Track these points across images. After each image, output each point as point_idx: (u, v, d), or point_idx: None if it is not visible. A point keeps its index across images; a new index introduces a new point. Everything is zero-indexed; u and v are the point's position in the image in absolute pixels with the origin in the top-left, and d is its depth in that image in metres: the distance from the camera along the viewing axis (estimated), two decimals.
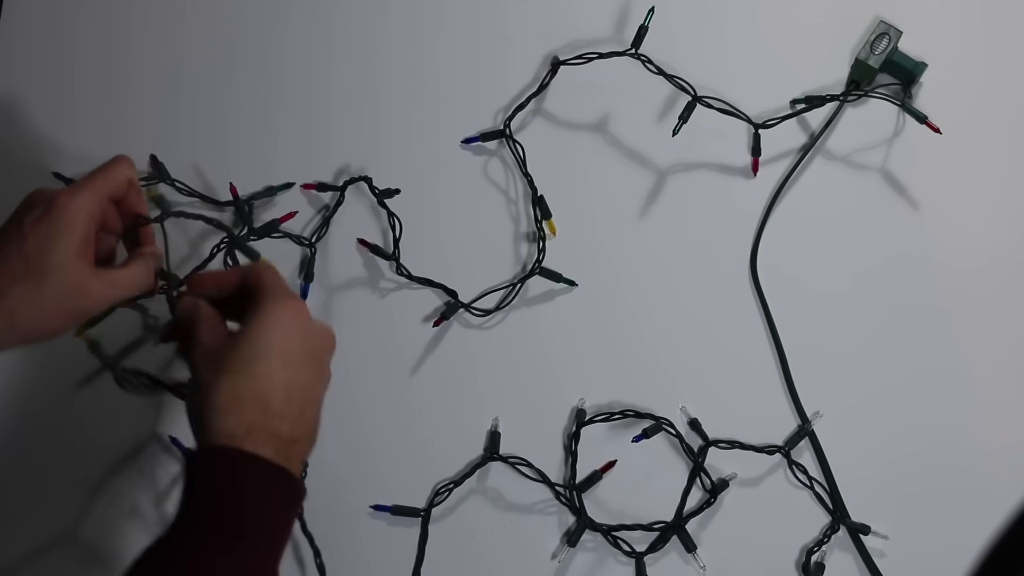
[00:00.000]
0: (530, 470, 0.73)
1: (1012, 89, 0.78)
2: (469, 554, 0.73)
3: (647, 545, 0.72)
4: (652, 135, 0.78)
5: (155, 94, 0.79)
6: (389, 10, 0.81)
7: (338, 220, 0.76)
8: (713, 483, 0.72)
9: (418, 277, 0.75)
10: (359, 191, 0.77)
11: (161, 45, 0.80)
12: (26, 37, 0.80)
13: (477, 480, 0.74)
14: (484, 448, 0.74)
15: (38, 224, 0.60)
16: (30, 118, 0.79)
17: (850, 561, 0.72)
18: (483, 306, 0.75)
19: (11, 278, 0.59)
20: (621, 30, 0.79)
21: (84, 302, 0.60)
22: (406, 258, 0.75)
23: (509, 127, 0.78)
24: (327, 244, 0.76)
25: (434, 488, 0.73)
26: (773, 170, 0.77)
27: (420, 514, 0.73)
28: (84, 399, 0.75)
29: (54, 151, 0.78)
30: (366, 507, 0.73)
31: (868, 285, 0.75)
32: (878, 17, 0.77)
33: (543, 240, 0.76)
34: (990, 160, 0.77)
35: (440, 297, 0.76)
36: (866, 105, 0.77)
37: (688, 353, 0.75)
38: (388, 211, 0.75)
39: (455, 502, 0.74)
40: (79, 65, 0.80)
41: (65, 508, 0.73)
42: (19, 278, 0.59)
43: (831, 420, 0.74)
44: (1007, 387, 0.74)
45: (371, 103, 0.79)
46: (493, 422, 0.74)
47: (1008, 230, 0.76)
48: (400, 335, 0.75)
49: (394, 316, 0.76)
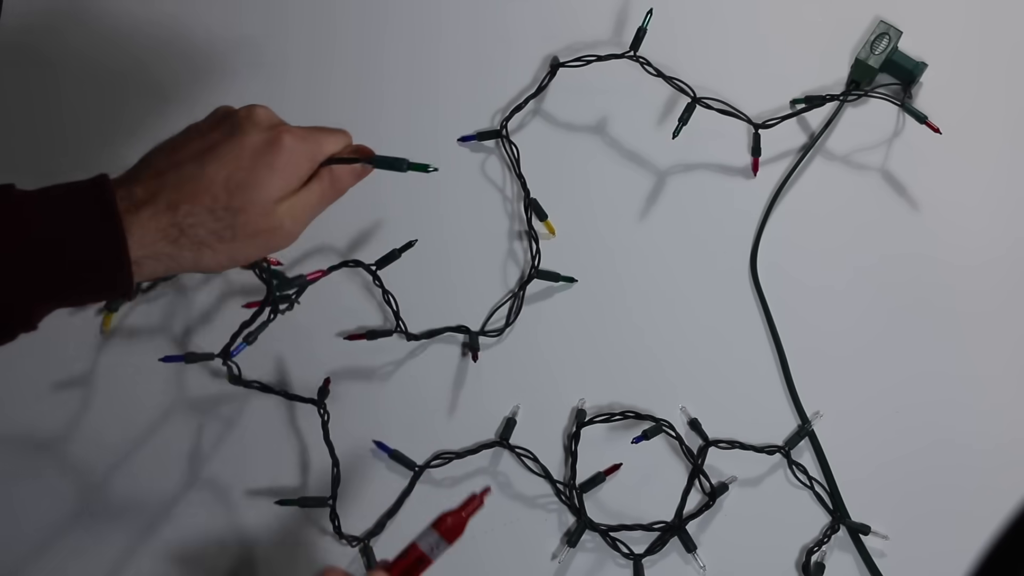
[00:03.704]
0: (535, 464, 0.73)
1: (1012, 89, 0.78)
2: (469, 554, 0.73)
3: (647, 547, 0.72)
4: (652, 136, 0.78)
5: (154, 96, 0.80)
6: (389, 10, 0.81)
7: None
8: (712, 486, 0.72)
9: (424, 333, 0.75)
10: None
11: (164, 52, 0.80)
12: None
13: (481, 462, 0.74)
14: (496, 434, 0.74)
15: (258, 157, 0.56)
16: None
17: (850, 561, 0.72)
18: (494, 317, 0.76)
19: (209, 206, 0.55)
20: (621, 31, 0.79)
21: (272, 243, 0.58)
22: (404, 268, 0.75)
23: (506, 127, 0.78)
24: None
25: (435, 453, 0.74)
26: (773, 170, 0.77)
27: (414, 468, 0.73)
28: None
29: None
30: (370, 442, 0.74)
31: (868, 285, 0.75)
32: (878, 17, 0.77)
33: (536, 242, 0.76)
34: (990, 160, 0.77)
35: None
36: (866, 105, 0.77)
37: (688, 353, 0.75)
38: (383, 289, 0.74)
39: (454, 498, 0.73)
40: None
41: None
42: (218, 209, 0.55)
43: (831, 420, 0.74)
44: (1008, 387, 0.74)
45: (371, 103, 0.79)
46: (513, 409, 0.74)
47: (1008, 230, 0.76)
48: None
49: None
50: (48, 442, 0.74)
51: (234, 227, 0.56)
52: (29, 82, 0.80)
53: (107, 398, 0.75)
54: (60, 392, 0.74)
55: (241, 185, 0.55)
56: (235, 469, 0.74)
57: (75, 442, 0.74)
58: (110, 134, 0.79)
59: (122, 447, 0.74)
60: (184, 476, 0.74)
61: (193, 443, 0.74)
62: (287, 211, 0.57)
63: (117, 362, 0.75)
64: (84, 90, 0.79)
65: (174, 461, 0.74)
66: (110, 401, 0.74)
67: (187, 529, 0.73)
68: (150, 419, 0.74)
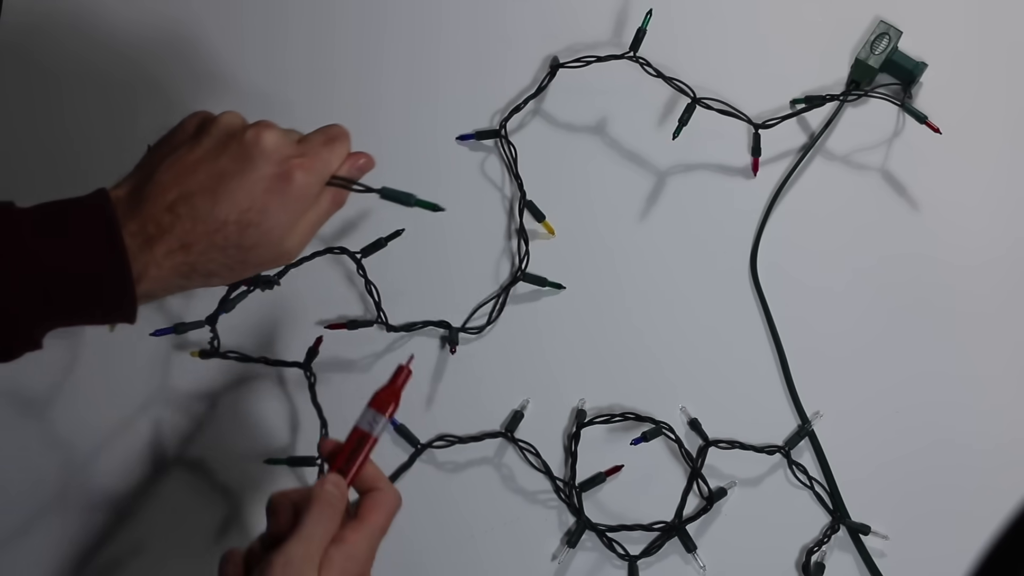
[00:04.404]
0: (536, 459, 0.73)
1: (1012, 89, 0.78)
2: (469, 553, 0.73)
3: (645, 548, 0.72)
4: (651, 136, 0.78)
5: (152, 97, 0.79)
6: (389, 10, 0.81)
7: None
8: (711, 491, 0.72)
9: (404, 325, 0.75)
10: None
11: (162, 54, 0.80)
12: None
13: (486, 451, 0.74)
14: (501, 426, 0.74)
15: (270, 195, 0.55)
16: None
17: (850, 561, 0.72)
18: (477, 315, 0.76)
19: (221, 244, 0.55)
20: (621, 32, 0.79)
21: (278, 264, 0.58)
22: (398, 263, 0.75)
23: (505, 128, 0.78)
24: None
25: (439, 434, 0.74)
26: (773, 170, 0.77)
27: (417, 445, 0.73)
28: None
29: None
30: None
31: (868, 285, 0.75)
32: (878, 17, 0.77)
33: (527, 244, 0.76)
34: (990, 160, 0.77)
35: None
36: (866, 105, 0.77)
37: (688, 353, 0.75)
38: (366, 279, 0.75)
39: (455, 492, 0.74)
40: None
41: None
42: (230, 247, 0.55)
43: (831, 420, 0.74)
44: (1008, 386, 0.74)
45: (371, 102, 0.79)
46: (522, 403, 0.74)
47: (1008, 230, 0.76)
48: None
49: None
50: (32, 408, 0.75)
51: (245, 261, 0.56)
52: (32, 89, 0.80)
53: (95, 370, 0.75)
54: (49, 357, 0.75)
55: (253, 224, 0.55)
56: (225, 435, 0.74)
57: (60, 409, 0.75)
58: (112, 139, 0.79)
59: (110, 414, 0.75)
60: (174, 442, 0.74)
61: (183, 414, 0.75)
62: (295, 236, 0.58)
63: (107, 340, 0.75)
64: (86, 96, 0.80)
65: (164, 429, 0.75)
66: (99, 374, 0.75)
67: (176, 491, 0.74)
68: (139, 391, 0.75)
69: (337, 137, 0.60)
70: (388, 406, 0.60)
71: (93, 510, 0.74)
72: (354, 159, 0.60)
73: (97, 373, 0.75)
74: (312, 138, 0.59)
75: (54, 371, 0.75)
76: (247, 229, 0.55)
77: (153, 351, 0.75)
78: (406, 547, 0.73)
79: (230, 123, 0.58)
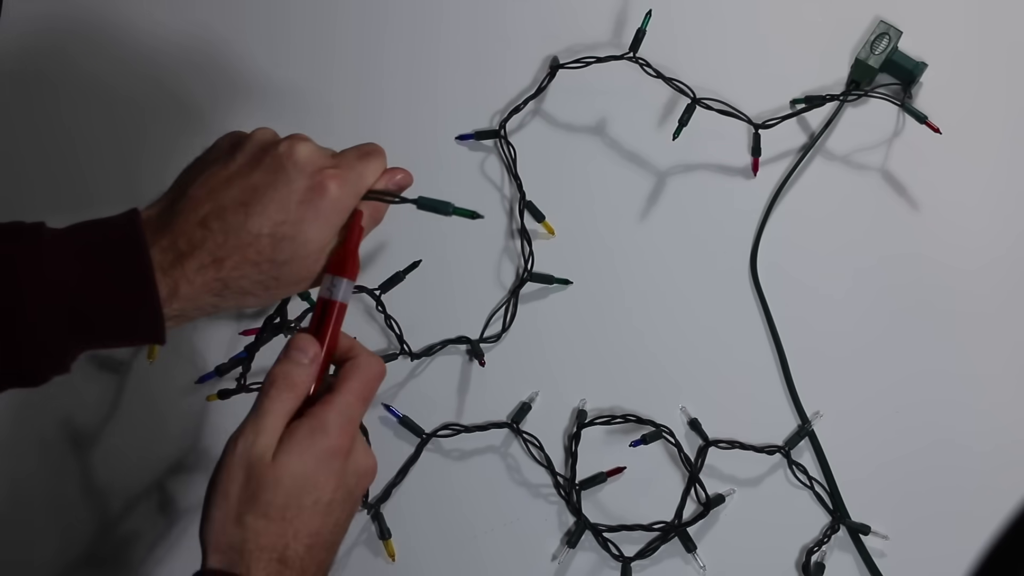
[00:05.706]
0: (539, 453, 0.73)
1: (1012, 89, 0.78)
2: (469, 553, 0.73)
3: (642, 548, 0.72)
4: (651, 137, 0.78)
5: (161, 108, 0.80)
6: (389, 10, 0.81)
7: None
8: (708, 497, 0.72)
9: (424, 350, 0.75)
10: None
11: (163, 58, 0.80)
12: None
13: (492, 440, 0.74)
14: (508, 417, 0.74)
15: (304, 208, 0.54)
16: None
17: (850, 561, 0.72)
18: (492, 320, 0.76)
19: (254, 260, 0.54)
20: (620, 32, 0.79)
21: (313, 283, 0.57)
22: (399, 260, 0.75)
23: (504, 128, 0.78)
24: None
25: (443, 423, 0.74)
26: (773, 170, 0.77)
27: (422, 435, 0.73)
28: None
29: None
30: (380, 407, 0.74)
31: (868, 285, 0.75)
32: (878, 17, 0.77)
33: (530, 244, 0.76)
34: (990, 160, 0.77)
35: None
36: (866, 105, 0.77)
37: (688, 353, 0.75)
38: (386, 315, 0.74)
39: (455, 489, 0.74)
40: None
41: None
42: (263, 262, 0.54)
43: (831, 420, 0.74)
44: (1008, 386, 0.74)
45: (371, 102, 0.79)
46: (531, 395, 0.74)
47: (1008, 230, 0.76)
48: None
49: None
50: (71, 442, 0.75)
51: (279, 277, 0.55)
52: (31, 102, 0.80)
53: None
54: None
55: (287, 237, 0.54)
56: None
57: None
58: (122, 154, 0.78)
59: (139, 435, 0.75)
60: (188, 451, 0.74)
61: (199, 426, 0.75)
62: (330, 254, 0.57)
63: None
64: (89, 110, 0.80)
65: (183, 434, 0.74)
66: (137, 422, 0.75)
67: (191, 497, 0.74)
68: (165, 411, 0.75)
69: (372, 152, 0.59)
70: (344, 266, 0.56)
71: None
72: (391, 174, 0.59)
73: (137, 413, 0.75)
74: (347, 152, 0.58)
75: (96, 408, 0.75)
76: (281, 243, 0.54)
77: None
78: (408, 547, 0.73)
79: (263, 138, 0.57)
